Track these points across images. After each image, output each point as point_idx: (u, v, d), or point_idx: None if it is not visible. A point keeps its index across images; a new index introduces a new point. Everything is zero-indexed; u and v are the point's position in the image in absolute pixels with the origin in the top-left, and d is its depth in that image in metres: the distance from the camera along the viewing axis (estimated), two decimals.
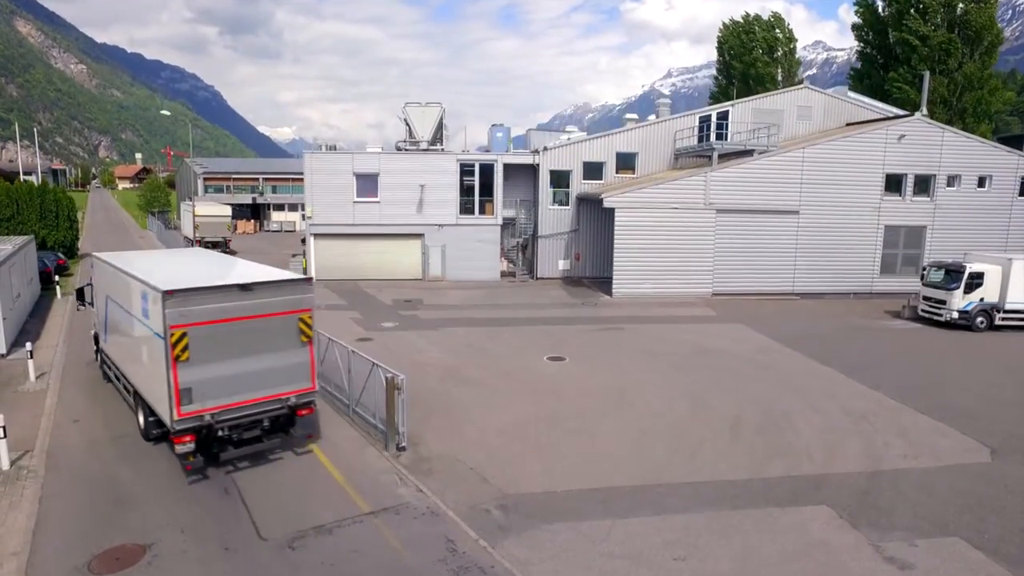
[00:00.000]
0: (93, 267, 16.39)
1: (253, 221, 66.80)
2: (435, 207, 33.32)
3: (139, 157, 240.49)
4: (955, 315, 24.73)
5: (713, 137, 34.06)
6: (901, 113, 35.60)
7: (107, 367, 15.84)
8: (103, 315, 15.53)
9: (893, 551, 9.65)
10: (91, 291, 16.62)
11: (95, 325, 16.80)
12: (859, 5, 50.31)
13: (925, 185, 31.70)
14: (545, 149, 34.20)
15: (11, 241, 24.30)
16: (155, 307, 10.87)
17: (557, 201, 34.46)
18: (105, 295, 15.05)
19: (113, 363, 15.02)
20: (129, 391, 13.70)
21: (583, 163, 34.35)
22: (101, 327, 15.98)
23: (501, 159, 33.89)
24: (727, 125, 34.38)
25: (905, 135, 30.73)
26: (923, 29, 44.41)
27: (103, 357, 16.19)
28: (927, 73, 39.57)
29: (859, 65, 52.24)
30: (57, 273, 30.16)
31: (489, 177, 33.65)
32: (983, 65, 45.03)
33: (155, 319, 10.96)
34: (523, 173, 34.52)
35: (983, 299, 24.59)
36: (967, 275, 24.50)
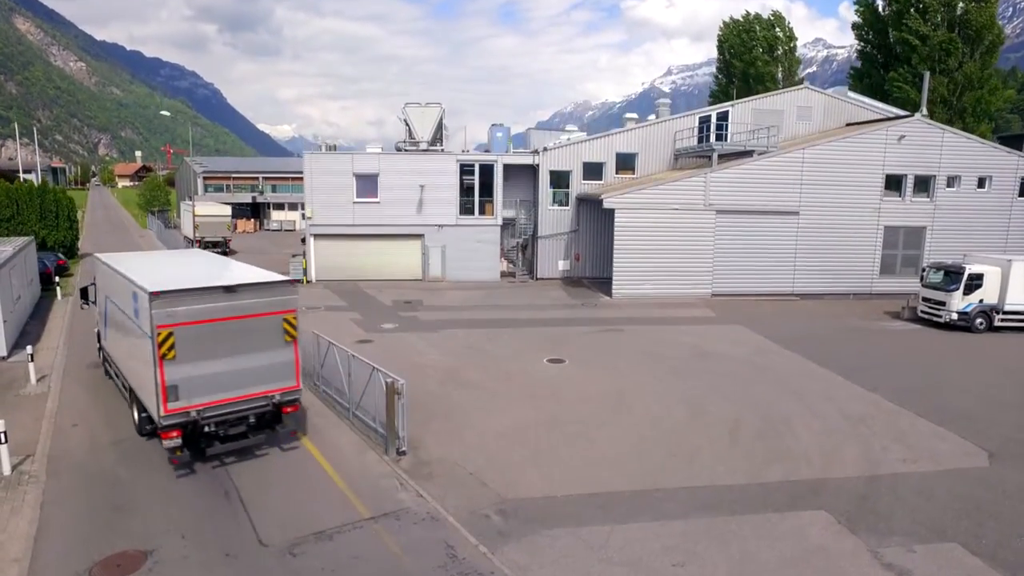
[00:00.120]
0: (95, 267, 16.73)
1: (253, 220, 66.84)
2: (435, 207, 33.35)
3: (139, 155, 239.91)
4: (954, 316, 24.78)
5: (713, 138, 34.05)
6: (901, 113, 35.58)
7: (108, 364, 16.31)
8: (103, 314, 15.96)
9: (891, 557, 9.69)
10: (94, 290, 17.01)
11: (98, 323, 17.21)
12: (859, 4, 50.24)
13: (925, 186, 31.71)
14: (545, 149, 34.19)
15: (11, 242, 24.29)
16: (143, 307, 11.27)
17: (557, 201, 34.47)
18: (104, 295, 15.52)
19: (112, 360, 15.51)
20: (125, 388, 14.11)
21: (583, 163, 34.34)
22: (102, 325, 16.42)
23: (501, 159, 33.89)
24: (727, 126, 34.37)
25: (905, 136, 30.73)
26: (923, 29, 44.37)
27: (104, 354, 16.64)
28: (927, 73, 39.57)
29: (859, 64, 52.22)
30: (57, 274, 30.12)
31: (489, 177, 33.66)
32: (983, 65, 44.95)
33: (144, 319, 11.36)
34: (523, 173, 34.53)
35: (982, 300, 24.63)
36: (966, 276, 24.54)
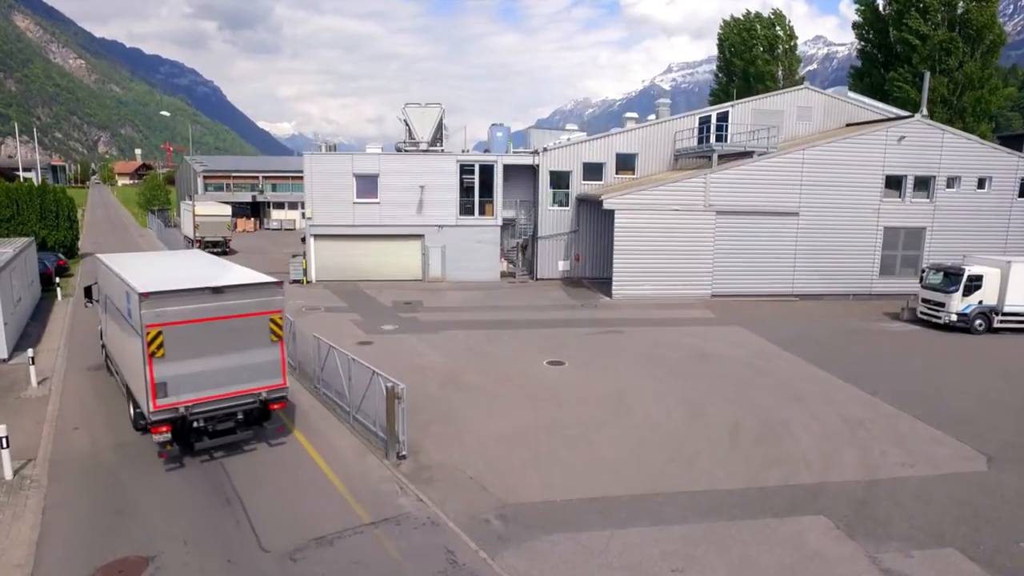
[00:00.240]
0: (96, 267, 17.14)
1: (253, 219, 66.87)
2: (435, 208, 33.37)
3: (139, 153, 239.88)
4: (954, 317, 24.81)
5: (713, 138, 34.04)
6: (901, 114, 35.57)
7: (109, 361, 16.73)
8: (104, 313, 16.46)
9: (889, 562, 9.73)
10: (97, 289, 17.37)
11: (101, 321, 17.57)
12: (860, 3, 50.23)
13: (925, 186, 31.72)
14: (545, 150, 34.18)
15: (12, 244, 24.30)
16: (135, 307, 11.69)
17: (557, 202, 34.48)
18: (104, 294, 16.00)
19: (111, 358, 16.02)
20: (123, 384, 14.49)
21: (583, 164, 34.33)
22: (103, 324, 16.85)
23: (501, 160, 33.89)
24: (727, 126, 34.35)
25: (905, 136, 30.73)
26: (924, 28, 44.35)
27: (106, 352, 17.08)
28: (927, 73, 39.54)
29: (859, 63, 52.20)
30: (58, 275, 30.13)
31: (489, 178, 33.68)
32: (984, 64, 44.92)
33: (135, 318, 11.79)
34: (523, 174, 34.53)
35: (982, 302, 24.66)
36: (966, 278, 24.57)
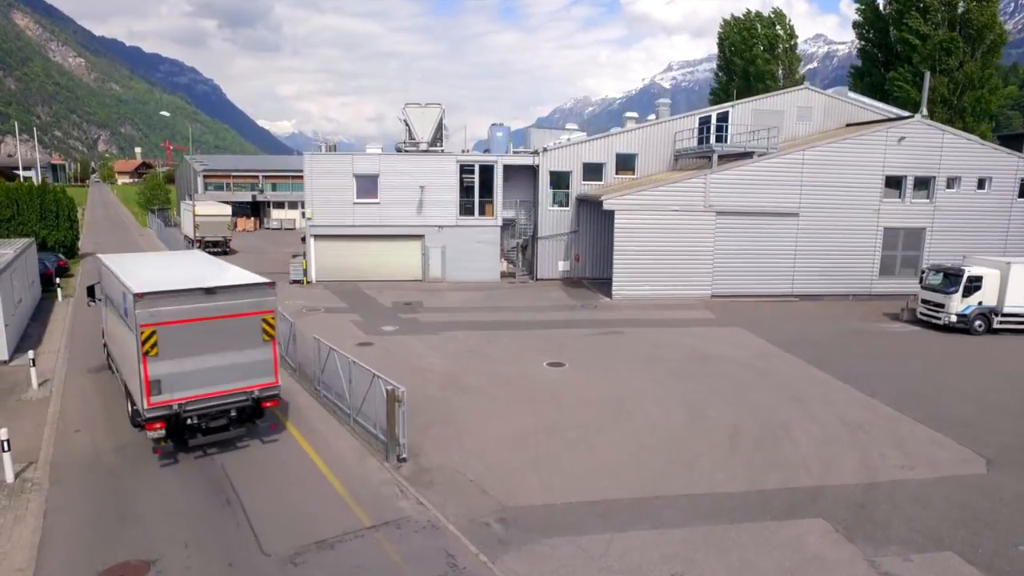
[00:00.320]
0: (98, 267, 17.30)
1: (253, 219, 66.82)
2: (435, 208, 33.38)
3: (138, 151, 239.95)
4: (953, 318, 24.83)
5: (713, 139, 34.02)
6: (902, 114, 35.55)
7: (110, 359, 16.96)
8: (104, 312, 16.73)
9: (888, 566, 9.76)
10: (99, 288, 17.53)
11: (103, 320, 17.76)
12: (860, 3, 50.19)
13: (925, 187, 31.73)
14: (545, 150, 34.18)
15: (12, 245, 24.31)
16: (130, 307, 11.99)
17: (557, 202, 34.49)
18: (105, 294, 16.26)
19: (111, 356, 16.34)
20: (121, 382, 14.70)
21: (583, 164, 34.32)
22: (105, 322, 17.07)
23: (501, 160, 33.88)
24: (727, 126, 34.34)
25: (905, 137, 30.73)
26: (924, 28, 44.31)
27: (107, 350, 17.31)
28: (927, 73, 39.52)
29: (860, 62, 52.17)
30: (58, 275, 30.12)
31: (489, 178, 33.68)
32: (984, 64, 44.88)
33: (131, 318, 12.08)
34: (523, 174, 34.54)
35: (981, 303, 24.68)
36: (965, 278, 24.59)
